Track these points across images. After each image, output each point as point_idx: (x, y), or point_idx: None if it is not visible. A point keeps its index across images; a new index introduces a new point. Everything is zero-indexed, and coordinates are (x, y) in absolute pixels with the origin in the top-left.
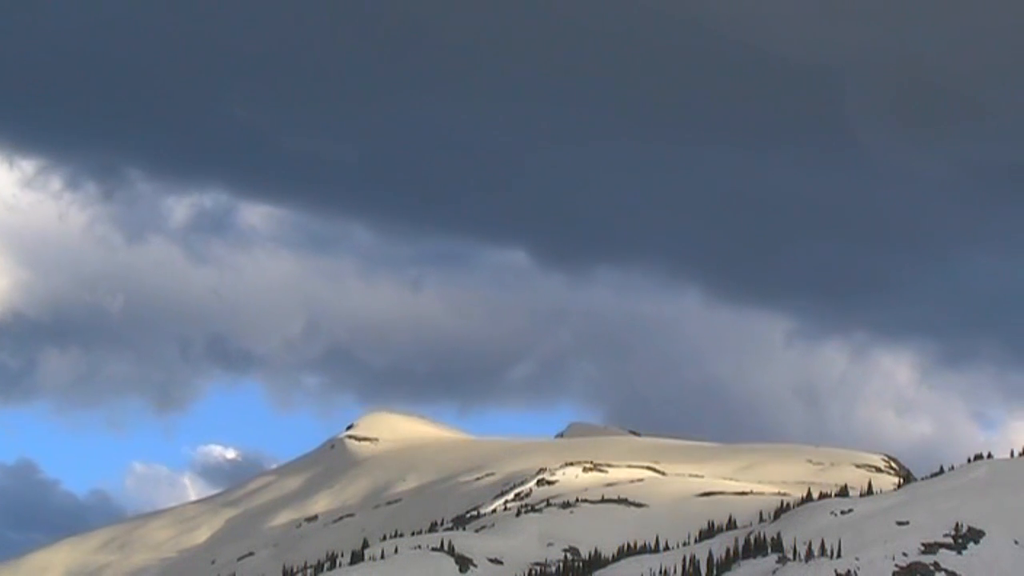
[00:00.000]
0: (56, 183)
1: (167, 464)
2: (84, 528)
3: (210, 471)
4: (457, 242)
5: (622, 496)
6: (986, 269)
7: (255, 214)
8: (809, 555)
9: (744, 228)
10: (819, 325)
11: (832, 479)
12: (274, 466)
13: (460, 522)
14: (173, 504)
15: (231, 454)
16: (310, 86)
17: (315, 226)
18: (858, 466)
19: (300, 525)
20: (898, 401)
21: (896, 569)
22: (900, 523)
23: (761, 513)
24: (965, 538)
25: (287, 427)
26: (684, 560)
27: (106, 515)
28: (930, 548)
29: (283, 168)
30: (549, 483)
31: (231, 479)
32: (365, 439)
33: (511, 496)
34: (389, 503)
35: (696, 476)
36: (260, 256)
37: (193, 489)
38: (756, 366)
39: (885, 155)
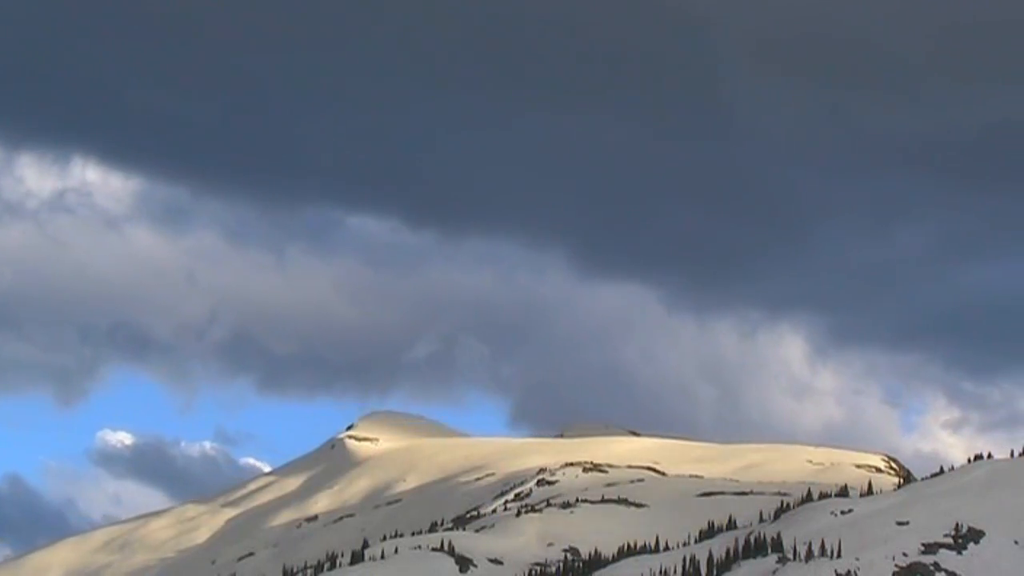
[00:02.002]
0: None
1: (70, 450)
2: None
3: (109, 458)
4: (329, 209)
5: (622, 496)
6: (857, 241)
7: (116, 186)
8: (809, 555)
9: (614, 197)
10: (701, 300)
11: (832, 479)
12: (175, 453)
13: (460, 522)
14: (88, 486)
15: (129, 440)
16: (165, 40)
17: (178, 197)
18: (858, 466)
19: (300, 525)
20: (795, 384)
21: (896, 569)
22: (900, 523)
23: (761, 513)
24: (965, 538)
25: (187, 412)
26: (684, 560)
27: (21, 502)
28: (930, 548)
29: (136, 130)
30: (549, 483)
31: (131, 465)
32: (365, 439)
33: (511, 496)
34: (389, 503)
35: (696, 476)
36: (128, 232)
37: (101, 473)
38: (647, 348)
39: (757, 123)
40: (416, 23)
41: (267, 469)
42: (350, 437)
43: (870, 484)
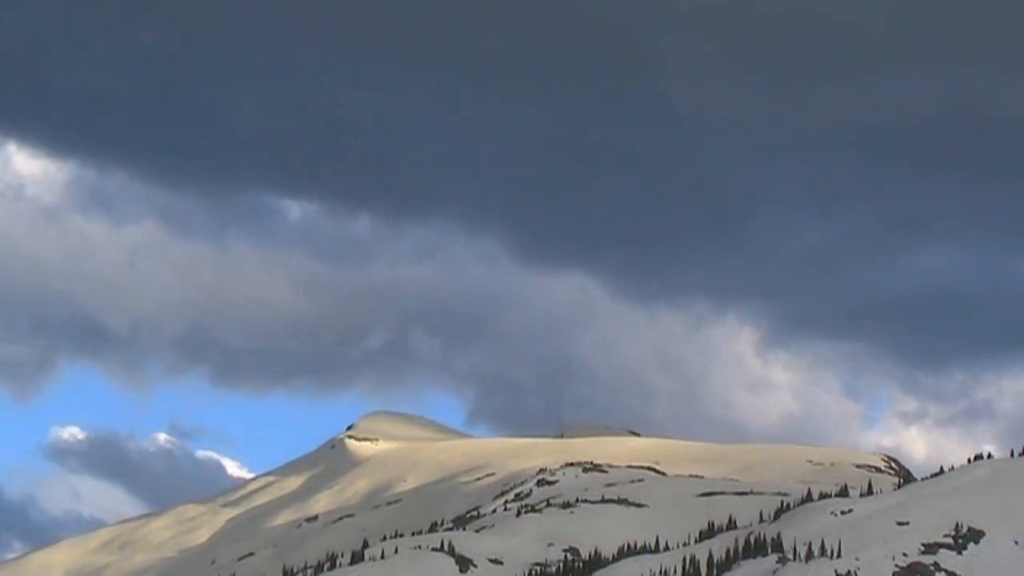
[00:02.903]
0: None
1: (25, 445)
2: None
3: (63, 453)
4: (268, 195)
5: (622, 496)
6: (801, 225)
7: (47, 174)
8: (809, 555)
9: (552, 182)
10: (646, 288)
11: (832, 479)
12: (129, 447)
13: (460, 522)
14: (46, 482)
15: (82, 435)
16: (93, 21)
17: (107, 183)
18: (858, 466)
19: (300, 525)
20: (748, 377)
21: (896, 569)
22: (900, 523)
23: (761, 513)
24: (965, 538)
25: (140, 406)
26: (684, 560)
27: None
28: (930, 548)
29: (59, 110)
30: (549, 483)
31: (86, 460)
32: (365, 439)
33: (511, 496)
34: (389, 503)
35: (696, 476)
36: (65, 223)
37: (56, 468)
38: (599, 340)
39: (699, 105)
40: (354, 7)
41: (227, 463)
42: (350, 437)
43: (870, 484)
